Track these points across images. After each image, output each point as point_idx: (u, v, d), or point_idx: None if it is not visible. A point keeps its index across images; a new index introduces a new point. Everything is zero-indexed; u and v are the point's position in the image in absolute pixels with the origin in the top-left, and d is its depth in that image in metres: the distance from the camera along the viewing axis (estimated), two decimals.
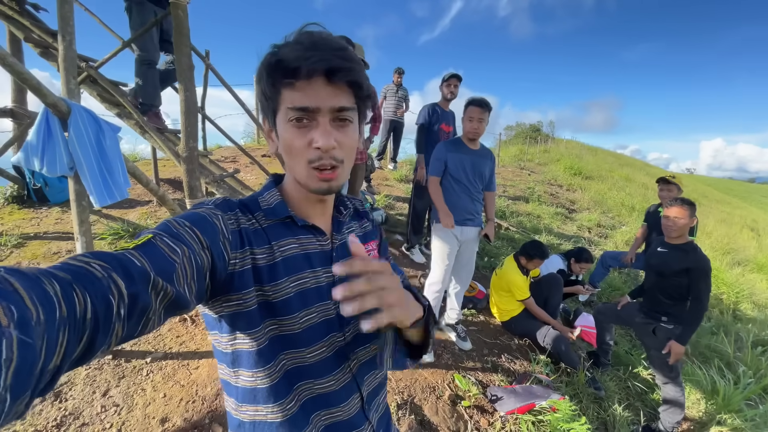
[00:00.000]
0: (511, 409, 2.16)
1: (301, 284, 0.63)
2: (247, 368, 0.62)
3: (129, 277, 0.39)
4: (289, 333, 0.62)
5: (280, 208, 0.65)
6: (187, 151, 2.45)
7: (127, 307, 0.38)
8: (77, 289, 0.33)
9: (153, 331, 0.44)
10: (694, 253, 2.32)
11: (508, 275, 3.02)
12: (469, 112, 2.36)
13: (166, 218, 0.55)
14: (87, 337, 0.34)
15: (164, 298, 0.43)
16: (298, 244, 0.65)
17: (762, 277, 7.29)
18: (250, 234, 0.61)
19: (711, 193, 23.03)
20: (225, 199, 0.63)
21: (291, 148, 0.58)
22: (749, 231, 11.88)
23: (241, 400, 0.64)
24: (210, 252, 0.52)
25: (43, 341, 0.29)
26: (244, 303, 0.58)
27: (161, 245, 0.45)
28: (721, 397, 2.87)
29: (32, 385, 0.29)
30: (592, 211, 8.23)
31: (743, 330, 4.37)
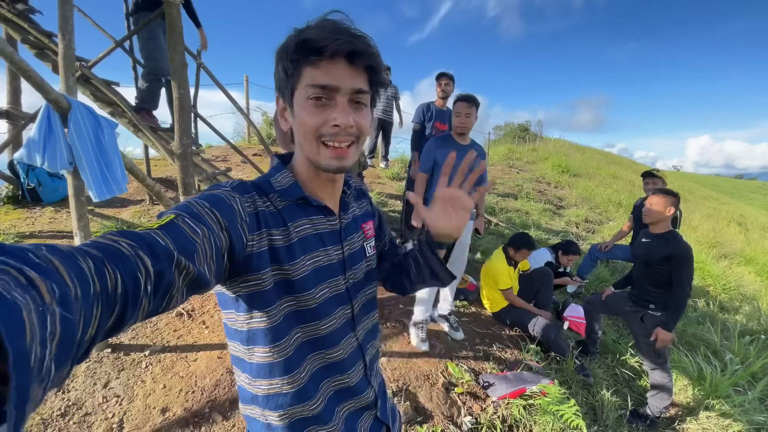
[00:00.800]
0: (503, 395, 2.23)
1: (316, 262, 0.68)
2: (263, 345, 0.65)
3: (155, 255, 0.40)
4: (306, 308, 0.66)
5: (294, 189, 0.67)
6: (181, 147, 2.48)
7: (153, 283, 0.40)
8: (108, 266, 0.35)
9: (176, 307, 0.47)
10: (675, 240, 2.42)
11: (494, 265, 3.11)
12: (456, 108, 2.42)
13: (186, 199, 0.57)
14: (118, 310, 0.36)
15: (187, 276, 0.44)
16: (311, 224, 0.69)
17: (749, 269, 7.51)
18: (267, 216, 0.63)
19: (697, 189, 23.53)
20: (241, 182, 0.64)
21: (305, 125, 0.61)
22: (737, 225, 12.17)
23: (256, 375, 0.67)
24: (228, 233, 0.53)
25: (80, 315, 0.31)
26: (262, 282, 0.61)
27: (183, 226, 0.47)
28: (708, 383, 2.97)
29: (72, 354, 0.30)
30: (580, 207, 8.39)
31: (730, 320, 4.52)
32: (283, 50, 0.59)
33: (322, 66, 0.58)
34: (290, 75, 0.60)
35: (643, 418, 2.62)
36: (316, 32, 0.56)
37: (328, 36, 0.55)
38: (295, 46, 0.57)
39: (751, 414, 2.74)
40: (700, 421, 2.71)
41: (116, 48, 2.90)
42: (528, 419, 2.14)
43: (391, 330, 2.68)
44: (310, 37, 0.56)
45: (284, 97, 0.64)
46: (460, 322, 2.93)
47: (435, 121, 3.51)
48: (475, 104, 2.38)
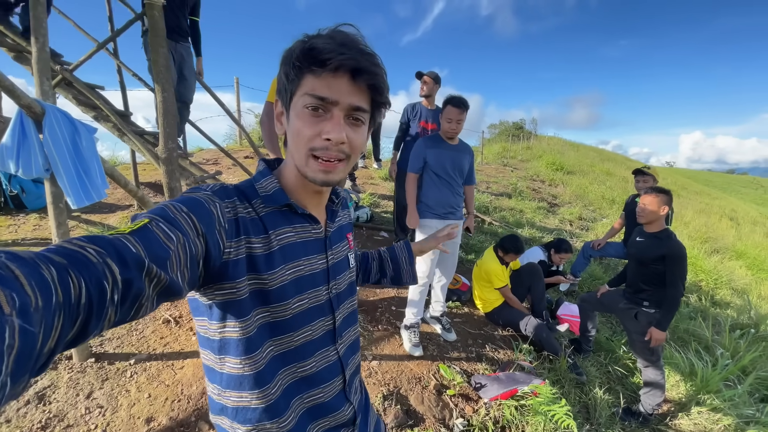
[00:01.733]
0: (495, 396, 2.22)
1: (297, 271, 0.66)
2: (234, 356, 0.62)
3: (123, 262, 0.38)
4: (280, 319, 0.64)
5: (279, 195, 0.65)
6: (166, 152, 2.44)
7: (121, 292, 0.38)
8: (72, 273, 0.33)
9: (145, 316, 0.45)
10: (669, 240, 2.42)
11: (486, 265, 3.10)
12: (447, 112, 2.39)
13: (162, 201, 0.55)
14: (80, 321, 0.34)
15: (158, 284, 0.43)
16: (294, 232, 0.66)
17: (740, 264, 7.58)
18: (246, 223, 0.60)
19: (690, 185, 23.72)
20: (222, 186, 0.62)
21: (299, 133, 0.59)
22: (728, 220, 12.28)
23: (226, 386, 0.65)
24: (205, 239, 0.51)
25: (41, 327, 0.29)
26: (237, 291, 0.59)
27: (157, 231, 0.45)
28: (700, 378, 2.98)
29: (30, 368, 0.29)
30: (574, 205, 8.42)
31: (721, 315, 4.54)
32: (288, 55, 0.58)
33: (323, 77, 0.56)
34: (291, 80, 0.59)
35: (636, 415, 2.63)
36: (323, 43, 0.55)
37: (335, 49, 0.54)
38: (300, 53, 0.56)
39: (741, 408, 2.76)
40: (691, 416, 2.72)
41: (99, 50, 2.85)
42: (520, 420, 2.13)
43: (383, 332, 2.66)
44: (316, 47, 0.55)
45: (283, 101, 0.63)
46: (453, 323, 2.91)
47: (420, 120, 3.51)
48: (466, 109, 2.37)
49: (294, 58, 0.57)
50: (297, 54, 0.56)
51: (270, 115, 2.07)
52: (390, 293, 3.18)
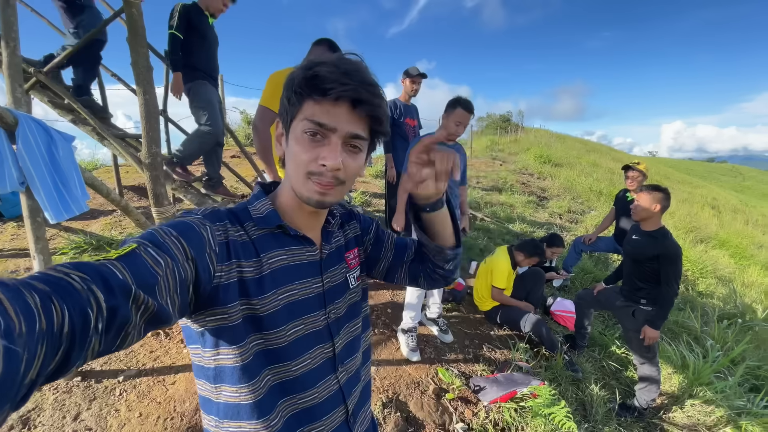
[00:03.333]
0: (494, 398, 2.21)
1: (290, 296, 0.64)
2: (230, 384, 0.60)
3: (109, 289, 0.38)
4: (276, 347, 0.62)
5: (272, 216, 0.64)
6: (150, 156, 2.34)
7: (106, 320, 0.37)
8: (55, 301, 0.33)
9: (132, 345, 0.44)
10: (664, 239, 2.42)
11: (497, 261, 3.09)
12: (458, 116, 2.30)
13: (152, 226, 0.53)
14: (62, 351, 0.33)
15: (145, 311, 0.41)
16: (287, 255, 0.65)
17: (724, 252, 7.77)
18: (237, 246, 0.59)
19: (672, 174, 24.22)
20: (214, 209, 0.61)
21: (297, 157, 0.59)
22: (710, 209, 12.59)
23: (223, 417, 0.62)
24: (195, 264, 0.50)
25: (24, 352, 0.29)
26: (230, 317, 0.57)
27: (145, 256, 0.44)
28: (692, 371, 3.03)
29: (11, 397, 0.28)
30: (563, 198, 8.49)
31: (708, 305, 4.64)
32: (291, 80, 0.59)
33: (323, 104, 0.57)
34: (292, 104, 0.59)
35: (632, 410, 2.65)
36: (326, 71, 0.55)
37: (338, 78, 0.54)
38: (302, 80, 0.56)
39: (732, 399, 2.81)
40: (685, 409, 2.76)
41: (75, 51, 2.71)
42: (520, 422, 2.13)
43: (380, 336, 2.62)
44: (319, 75, 0.55)
45: (284, 124, 0.63)
46: (449, 324, 2.89)
47: (405, 117, 3.45)
48: (473, 113, 2.34)
49: (296, 84, 0.57)
50: (300, 80, 0.57)
51: (264, 119, 1.99)
52: (386, 297, 3.14)
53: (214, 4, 3.03)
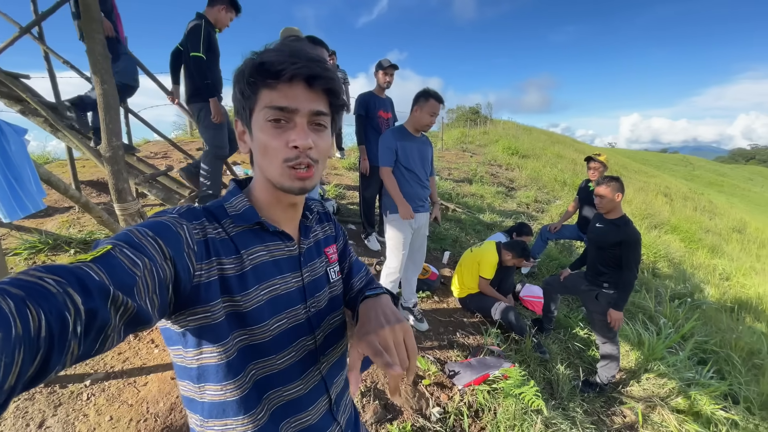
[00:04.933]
0: (468, 382, 2.30)
1: (272, 291, 0.64)
2: (215, 382, 0.60)
3: (86, 291, 0.37)
4: (260, 342, 0.62)
5: (249, 213, 0.64)
6: (111, 150, 2.22)
7: (84, 323, 0.36)
8: (30, 305, 0.32)
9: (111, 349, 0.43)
10: (626, 227, 2.59)
11: (486, 254, 3.21)
12: (431, 106, 2.36)
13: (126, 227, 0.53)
14: (41, 356, 0.32)
15: (124, 313, 0.41)
16: (267, 251, 0.65)
17: (675, 237, 8.34)
18: (216, 244, 0.59)
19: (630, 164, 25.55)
20: (189, 208, 0.60)
21: (267, 147, 0.59)
22: (663, 197, 13.42)
23: (208, 416, 0.62)
24: (173, 263, 0.50)
25: (1, 359, 0.28)
26: (212, 315, 0.56)
27: (121, 257, 0.43)
28: (647, 347, 3.27)
29: None
30: (530, 188, 8.79)
31: (661, 286, 4.99)
32: (240, 73, 0.58)
33: (279, 88, 0.57)
34: (247, 97, 0.59)
35: (594, 386, 2.83)
36: (273, 56, 0.56)
37: (286, 60, 0.55)
38: (252, 69, 0.57)
39: (683, 372, 3.06)
40: (641, 382, 2.99)
41: (23, 35, 2.52)
42: (492, 403, 2.23)
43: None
44: (267, 60, 0.55)
45: (242, 120, 0.62)
46: (424, 313, 2.96)
47: (378, 110, 3.46)
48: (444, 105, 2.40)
49: (247, 75, 0.57)
50: (250, 70, 0.57)
51: None
52: None
53: (223, 20, 2.98)
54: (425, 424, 2.03)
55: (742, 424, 2.75)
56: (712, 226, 11.28)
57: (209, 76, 2.82)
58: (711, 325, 4.33)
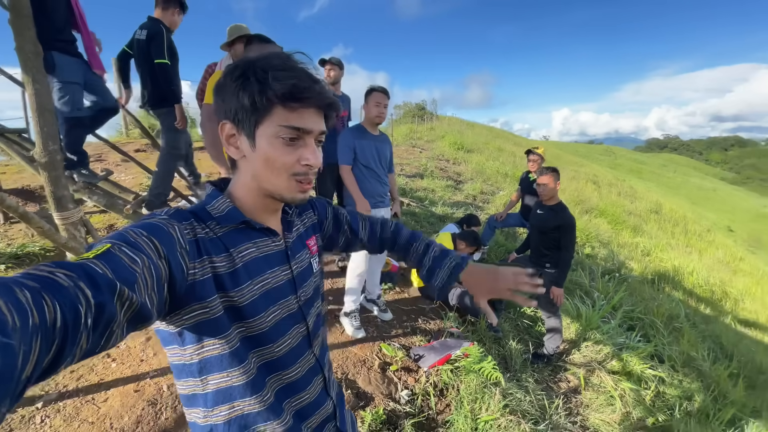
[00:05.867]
0: (433, 363, 2.45)
1: (264, 285, 0.67)
2: (218, 371, 0.63)
3: (95, 285, 0.38)
4: (258, 332, 0.66)
5: (234, 213, 0.65)
6: (47, 155, 2.06)
7: (94, 316, 0.37)
8: (46, 297, 0.33)
9: (114, 346, 0.44)
10: (563, 212, 2.89)
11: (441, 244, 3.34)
12: (375, 97, 2.46)
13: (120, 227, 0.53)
14: (56, 346, 0.33)
15: (129, 308, 0.42)
16: (255, 247, 0.68)
17: (603, 220, 9.25)
18: (207, 243, 0.61)
19: (562, 155, 27.70)
20: (177, 210, 0.62)
21: (275, 162, 0.62)
22: (592, 184, 14.75)
23: (212, 404, 0.65)
24: (168, 262, 0.51)
25: (20, 347, 0.29)
26: (210, 310, 0.59)
27: (121, 255, 0.44)
28: (584, 319, 3.65)
29: (11, 391, 0.29)
30: (476, 181, 9.26)
31: (594, 264, 5.56)
32: (253, 82, 0.59)
33: (298, 111, 0.61)
34: (258, 109, 0.60)
35: (542, 358, 3.13)
36: (303, 83, 0.59)
37: (310, 87, 0.60)
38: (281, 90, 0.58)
39: (615, 338, 3.47)
40: (581, 350, 3.35)
41: None
42: (455, 380, 2.40)
43: None
44: (298, 86, 0.59)
45: (240, 125, 0.63)
46: (387, 304, 3.08)
47: None
48: (389, 96, 2.49)
49: (269, 91, 0.58)
50: (276, 89, 0.58)
51: (211, 118, 1.94)
52: (326, 285, 3.20)
53: (176, 22, 2.96)
54: (396, 407, 2.15)
55: (668, 380, 3.20)
56: (633, 208, 12.65)
57: (174, 82, 2.89)
58: (636, 295, 4.92)
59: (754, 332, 5.79)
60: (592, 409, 2.76)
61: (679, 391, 3.12)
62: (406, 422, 2.05)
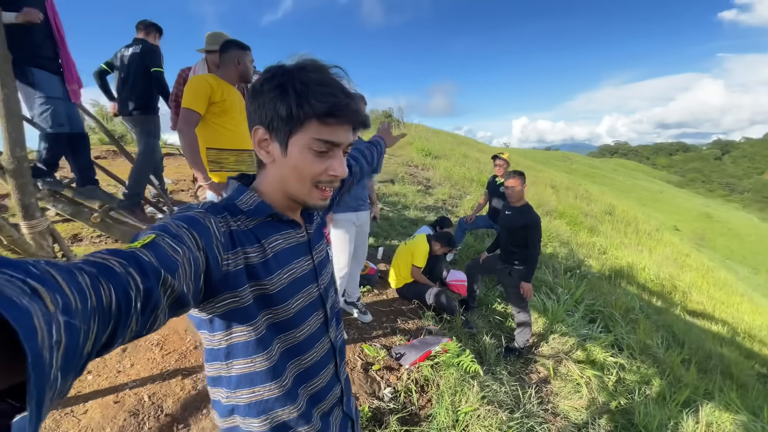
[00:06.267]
0: (413, 360, 2.54)
1: (292, 274, 0.72)
2: (244, 357, 0.67)
3: (144, 272, 0.42)
4: (283, 319, 0.70)
5: (262, 207, 0.69)
6: (14, 162, 1.98)
7: (143, 301, 0.40)
8: (102, 281, 0.36)
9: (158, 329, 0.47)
10: (529, 212, 3.09)
11: (418, 246, 3.49)
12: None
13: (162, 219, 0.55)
14: (111, 326, 0.37)
15: (171, 295, 0.46)
16: (282, 239, 0.72)
17: (562, 221, 9.77)
18: (240, 235, 0.64)
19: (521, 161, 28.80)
20: (212, 204, 0.66)
21: (304, 171, 0.66)
22: (550, 188, 15.53)
23: (235, 387, 0.69)
24: (205, 254, 0.54)
25: (80, 327, 0.31)
26: (241, 299, 0.63)
27: (164, 245, 0.47)
28: (551, 313, 3.89)
29: (75, 365, 0.31)
30: (444, 186, 9.53)
31: (556, 262, 5.89)
32: (291, 94, 0.62)
33: (333, 126, 0.65)
34: (295, 119, 0.63)
35: (514, 351, 3.31)
36: (343, 102, 0.63)
37: (347, 105, 0.64)
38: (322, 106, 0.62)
39: (579, 329, 3.72)
40: (549, 342, 3.56)
41: None
42: (435, 375, 2.50)
43: None
44: (338, 105, 0.62)
45: (273, 132, 0.66)
46: (367, 306, 3.14)
47: None
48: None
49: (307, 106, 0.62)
50: (314, 106, 0.62)
51: (189, 122, 1.94)
52: None
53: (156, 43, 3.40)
54: (380, 404, 2.22)
55: (628, 366, 3.46)
56: (589, 210, 13.44)
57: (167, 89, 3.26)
58: (596, 290, 5.26)
59: (702, 321, 6.33)
60: (562, 397, 2.96)
61: (637, 377, 3.39)
62: (391, 418, 2.12)
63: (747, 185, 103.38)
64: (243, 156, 2.25)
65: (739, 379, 4.05)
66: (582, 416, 2.77)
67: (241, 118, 2.21)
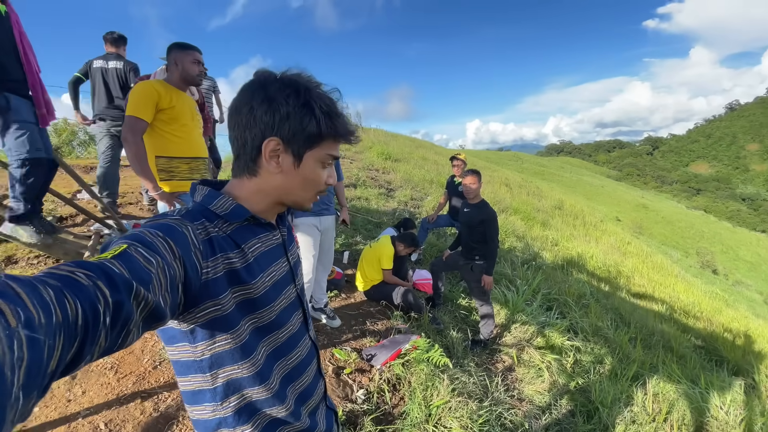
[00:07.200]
0: (385, 360, 2.56)
1: (273, 276, 0.72)
2: (230, 364, 0.65)
3: (113, 285, 0.39)
4: (267, 322, 0.70)
5: (240, 210, 0.67)
6: None
7: (111, 315, 0.38)
8: (68, 295, 0.34)
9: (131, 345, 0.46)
10: (485, 208, 3.23)
11: (383, 248, 3.51)
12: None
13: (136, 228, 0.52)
14: (78, 342, 0.35)
15: (144, 308, 0.43)
16: (260, 242, 0.72)
17: (517, 217, 10.26)
18: (220, 241, 0.63)
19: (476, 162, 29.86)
20: (187, 210, 0.64)
21: (313, 181, 0.72)
22: (505, 187, 16.24)
23: (222, 398, 0.67)
24: (182, 262, 0.52)
25: (45, 342, 0.30)
26: (222, 307, 0.61)
27: (136, 255, 0.45)
28: (511, 304, 4.07)
29: (38, 384, 0.30)
30: (405, 188, 9.67)
31: (514, 256, 6.17)
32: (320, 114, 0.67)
33: (339, 143, 0.74)
34: (312, 135, 0.68)
35: (480, 343, 3.43)
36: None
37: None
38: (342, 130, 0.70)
39: (538, 317, 3.92)
40: (511, 332, 3.73)
41: None
42: (407, 373, 2.54)
43: None
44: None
45: (289, 145, 0.67)
46: (335, 310, 3.13)
47: None
48: None
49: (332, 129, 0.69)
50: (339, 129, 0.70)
51: (135, 130, 1.84)
52: None
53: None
54: (354, 407, 2.21)
55: (583, 348, 3.69)
56: (541, 206, 14.21)
57: None
58: (551, 280, 5.57)
59: (644, 302, 6.88)
60: (526, 382, 3.11)
61: (592, 357, 3.63)
62: (365, 419, 2.13)
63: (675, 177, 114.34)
64: (197, 164, 2.17)
65: (678, 351, 4.44)
66: (545, 399, 2.93)
67: (192, 125, 2.13)
